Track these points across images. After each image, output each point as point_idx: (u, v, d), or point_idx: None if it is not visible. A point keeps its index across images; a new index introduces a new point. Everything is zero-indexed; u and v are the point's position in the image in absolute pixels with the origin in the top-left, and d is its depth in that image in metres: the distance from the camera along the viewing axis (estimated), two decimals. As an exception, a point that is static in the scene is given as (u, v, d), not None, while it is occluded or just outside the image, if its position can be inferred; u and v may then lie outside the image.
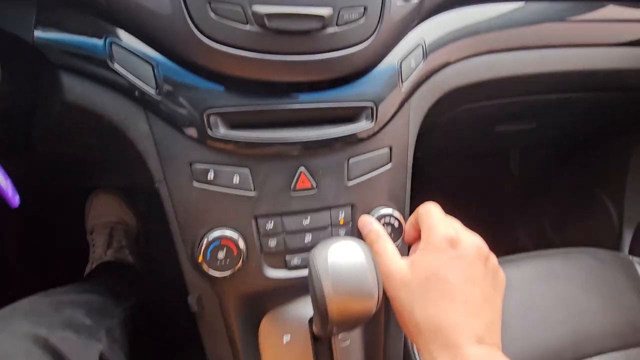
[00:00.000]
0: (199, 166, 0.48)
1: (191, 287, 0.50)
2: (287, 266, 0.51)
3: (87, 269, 1.08)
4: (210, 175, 0.48)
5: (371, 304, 0.36)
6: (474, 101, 0.70)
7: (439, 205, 0.47)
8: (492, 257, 0.41)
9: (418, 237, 0.50)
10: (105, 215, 1.16)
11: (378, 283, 0.37)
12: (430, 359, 0.37)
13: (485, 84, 0.65)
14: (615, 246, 1.04)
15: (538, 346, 0.68)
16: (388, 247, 0.43)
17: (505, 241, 1.32)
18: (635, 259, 0.86)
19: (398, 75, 0.55)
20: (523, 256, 0.84)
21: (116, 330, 0.58)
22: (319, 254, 0.37)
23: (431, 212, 0.44)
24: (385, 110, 0.53)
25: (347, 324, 0.37)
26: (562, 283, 0.78)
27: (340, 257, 0.37)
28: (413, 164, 0.58)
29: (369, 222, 0.50)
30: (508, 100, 0.73)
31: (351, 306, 0.36)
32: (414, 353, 0.62)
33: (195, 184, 0.48)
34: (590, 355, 0.68)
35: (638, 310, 0.76)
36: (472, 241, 0.40)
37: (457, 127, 0.79)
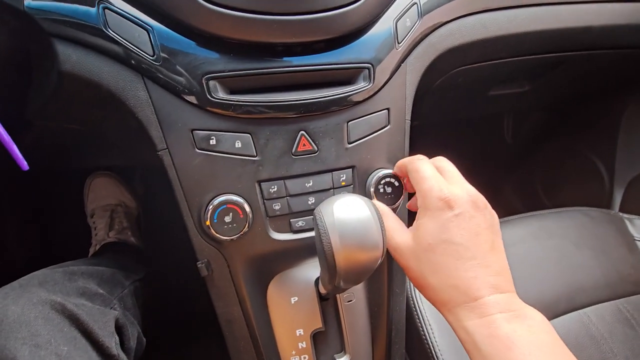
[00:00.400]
0: (200, 133, 0.48)
1: (199, 253, 0.51)
2: (291, 229, 0.52)
3: (91, 252, 1.09)
4: (212, 141, 0.48)
5: (377, 254, 0.38)
6: (469, 63, 0.70)
7: (426, 158, 0.46)
8: (485, 202, 0.42)
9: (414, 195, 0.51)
10: (104, 198, 1.16)
11: (382, 234, 0.38)
12: (453, 317, 0.38)
13: (479, 44, 0.65)
14: (606, 205, 1.08)
15: (533, 299, 0.70)
16: (391, 224, 0.44)
17: (499, 205, 1.35)
18: (625, 216, 0.89)
19: (394, 35, 0.55)
20: (517, 217, 0.87)
21: (127, 299, 0.60)
22: (325, 210, 0.38)
23: (420, 170, 0.43)
24: (383, 71, 0.54)
25: (354, 275, 0.39)
26: (556, 240, 0.80)
27: (345, 211, 0.38)
28: (410, 132, 0.59)
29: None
30: (502, 61, 0.73)
31: (358, 257, 0.37)
32: (416, 309, 0.64)
33: (198, 151, 0.48)
34: (583, 307, 0.71)
35: (627, 262, 0.79)
36: (466, 194, 0.41)
37: (452, 90, 0.80)
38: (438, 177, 0.43)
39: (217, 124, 0.48)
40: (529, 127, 1.30)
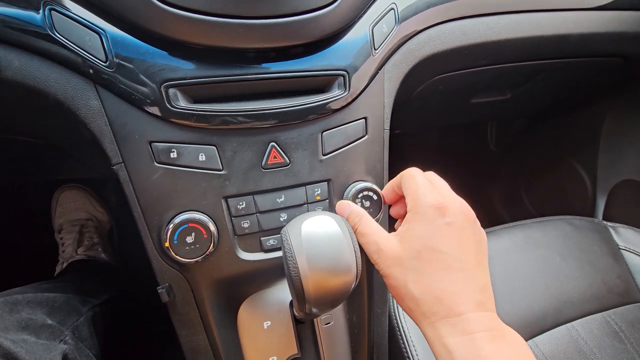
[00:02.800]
0: (159, 145, 0.44)
1: (160, 277, 0.46)
2: (262, 248, 0.49)
3: (57, 270, 1.02)
4: (173, 154, 0.44)
5: (349, 279, 0.34)
6: (449, 70, 0.68)
7: (420, 170, 0.45)
8: (475, 217, 0.41)
9: (399, 201, 0.48)
10: (73, 212, 1.09)
11: (356, 256, 0.35)
12: (432, 331, 0.35)
13: (459, 51, 0.63)
14: (590, 212, 1.07)
15: (521, 313, 0.68)
16: (373, 226, 0.41)
17: (484, 214, 1.34)
18: (609, 224, 0.87)
19: (370, 41, 0.52)
20: (502, 227, 0.85)
21: (83, 328, 0.54)
22: (292, 229, 0.35)
23: (415, 178, 0.42)
24: (359, 78, 0.51)
25: (326, 302, 0.35)
26: (541, 250, 0.78)
27: (314, 230, 0.34)
28: (391, 141, 0.56)
29: (347, 204, 0.48)
30: (482, 69, 0.71)
31: (329, 282, 0.33)
32: (399, 328, 0.61)
33: (157, 165, 0.44)
34: (571, 320, 0.69)
35: (613, 272, 0.77)
36: (459, 205, 0.39)
37: (433, 98, 0.78)
38: (432, 186, 0.41)
39: (178, 136, 0.44)
40: (512, 134, 1.29)
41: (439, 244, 0.37)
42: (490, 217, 1.34)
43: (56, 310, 0.52)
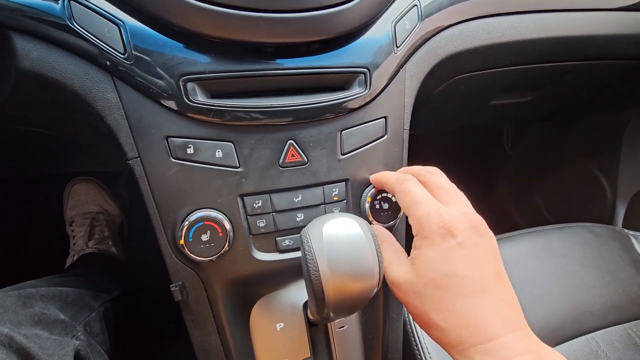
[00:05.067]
0: (176, 140, 0.43)
1: (173, 275, 0.45)
2: (277, 248, 0.47)
3: (68, 262, 1.02)
4: (190, 150, 0.43)
5: (371, 284, 0.33)
6: (470, 70, 0.66)
7: (413, 177, 0.42)
8: (485, 226, 0.38)
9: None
10: (85, 205, 1.09)
11: (379, 260, 0.33)
12: None
13: (482, 51, 0.61)
14: (609, 220, 1.04)
15: (538, 323, 0.66)
16: (387, 254, 0.38)
17: (498, 219, 1.31)
18: (630, 233, 0.85)
19: (392, 38, 0.50)
20: (519, 233, 0.82)
21: (95, 324, 0.54)
22: (313, 231, 0.33)
23: (411, 193, 0.38)
24: (380, 76, 0.49)
25: (345, 307, 0.34)
26: (560, 258, 0.76)
27: (336, 233, 0.33)
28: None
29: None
30: (504, 70, 0.69)
31: (350, 287, 0.32)
32: (414, 335, 0.59)
33: (173, 160, 0.43)
34: (591, 331, 0.67)
35: (634, 282, 0.75)
36: (467, 219, 0.36)
37: (452, 99, 0.76)
38: (432, 200, 0.37)
39: (195, 131, 0.43)
40: (529, 137, 1.26)
41: (454, 268, 0.34)
42: (504, 222, 1.32)
43: (69, 305, 0.51)
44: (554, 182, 1.22)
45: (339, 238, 0.33)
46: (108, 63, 0.41)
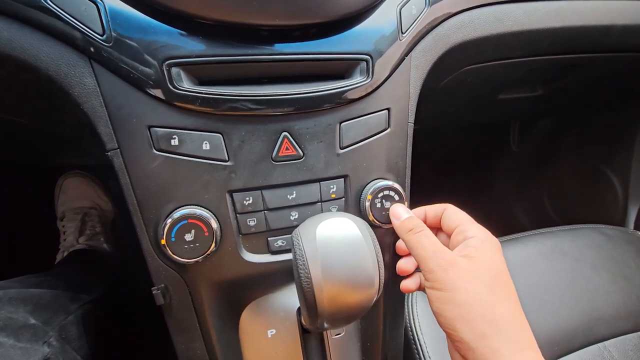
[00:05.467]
0: (159, 131, 0.39)
1: (156, 277, 0.42)
2: (269, 249, 0.44)
3: (58, 259, 0.99)
4: (174, 142, 0.40)
5: (370, 293, 0.29)
6: (480, 61, 0.62)
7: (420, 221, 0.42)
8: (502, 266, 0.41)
9: (433, 228, 0.44)
10: (76, 200, 1.06)
11: (379, 266, 0.29)
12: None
13: (493, 40, 0.57)
14: (620, 222, 1.00)
15: (547, 330, 0.63)
16: (435, 239, 0.39)
17: (503, 220, 1.27)
18: (643, 235, 0.81)
19: (398, 24, 0.47)
20: (527, 234, 0.79)
21: (72, 328, 0.50)
22: (305, 232, 0.30)
23: (462, 212, 0.42)
24: (383, 64, 0.46)
25: (341, 317, 0.30)
26: (570, 261, 0.72)
27: (331, 235, 0.29)
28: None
29: (404, 212, 0.44)
30: (516, 61, 0.65)
31: (346, 296, 0.28)
32: (415, 343, 0.55)
33: (156, 152, 0.40)
34: (603, 339, 0.63)
35: (649, 288, 0.71)
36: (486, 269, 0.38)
37: (459, 91, 0.72)
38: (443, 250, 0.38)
39: (180, 121, 0.40)
40: (537, 134, 1.22)
41: (508, 276, 0.37)
42: (509, 223, 1.28)
43: (42, 308, 0.48)
44: (562, 181, 1.18)
45: (335, 240, 0.29)
46: (85, 45, 0.38)
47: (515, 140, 1.27)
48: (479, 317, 0.33)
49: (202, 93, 0.39)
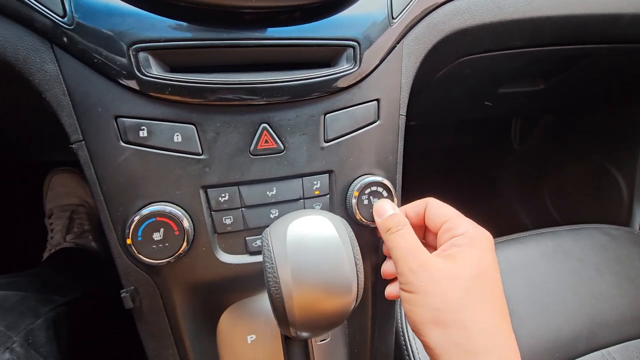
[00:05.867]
0: (127, 121, 0.37)
1: (125, 278, 0.39)
2: (248, 250, 0.41)
3: (45, 257, 0.97)
4: (143, 133, 0.37)
5: (347, 300, 0.26)
6: (477, 51, 0.59)
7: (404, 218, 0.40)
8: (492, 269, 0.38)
9: (418, 227, 0.42)
10: (64, 197, 1.03)
11: (357, 269, 0.26)
12: None
13: (492, 28, 0.54)
14: (625, 222, 0.96)
15: (548, 336, 0.59)
16: (415, 238, 0.36)
17: (504, 219, 1.24)
18: (650, 236, 0.77)
19: (388, 8, 0.44)
20: (527, 234, 0.75)
21: (40, 333, 0.47)
22: (275, 231, 0.27)
23: (448, 207, 0.39)
24: (373, 52, 0.43)
25: (315, 326, 0.27)
26: (573, 262, 0.69)
27: (304, 234, 0.26)
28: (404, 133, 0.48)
29: (390, 205, 0.41)
30: (516, 52, 0.62)
31: (319, 303, 0.25)
32: (407, 349, 0.52)
33: (123, 145, 0.37)
34: (607, 345, 0.60)
35: (656, 291, 0.67)
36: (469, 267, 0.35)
37: (456, 85, 0.68)
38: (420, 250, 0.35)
39: (150, 111, 0.37)
40: (538, 131, 1.18)
41: (496, 276, 0.34)
42: (509, 222, 1.24)
43: (6, 312, 0.45)
44: (564, 179, 1.14)
45: (308, 240, 0.26)
46: (45, 28, 0.35)
47: (517, 137, 1.23)
48: (450, 322, 0.30)
49: (172, 80, 0.36)
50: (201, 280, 0.40)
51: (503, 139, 1.26)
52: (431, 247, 0.42)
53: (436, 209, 0.39)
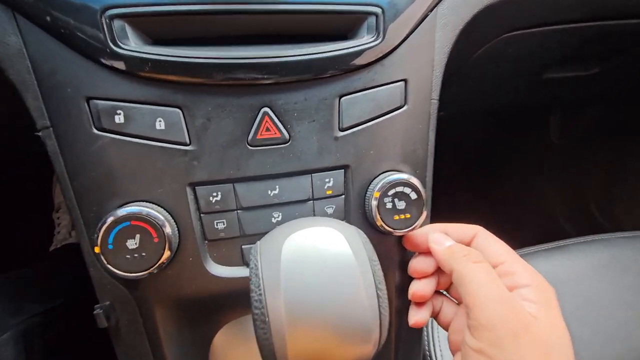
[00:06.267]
0: (100, 104, 0.31)
1: (100, 292, 0.33)
2: (244, 260, 0.34)
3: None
4: (119, 118, 0.31)
5: (365, 349, 0.19)
6: (524, 26, 0.50)
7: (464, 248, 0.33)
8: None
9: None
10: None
11: (380, 305, 0.19)
12: None
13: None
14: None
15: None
16: (498, 280, 0.29)
17: (540, 224, 1.12)
18: None
19: (418, -33, 0.35)
20: (574, 242, 0.65)
21: (7, 348, 0.42)
22: (267, 248, 0.20)
23: (496, 241, 0.33)
24: (399, 21, 0.36)
25: None
26: (632, 277, 0.59)
27: (305, 253, 0.19)
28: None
29: (446, 240, 0.33)
30: (571, 27, 0.52)
31: (325, 353, 0.18)
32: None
33: (96, 132, 0.31)
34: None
35: None
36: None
37: (496, 67, 0.59)
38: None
39: (127, 91, 0.31)
40: (582, 124, 1.06)
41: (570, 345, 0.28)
42: (549, 229, 1.12)
43: None
44: (613, 180, 1.02)
45: (310, 262, 0.19)
46: (7, -6, 0.29)
47: (557, 130, 1.11)
48: None
49: (153, 55, 0.30)
50: (188, 297, 0.33)
51: (540, 131, 1.14)
52: None
53: (488, 245, 0.32)
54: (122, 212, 0.30)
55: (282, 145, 0.33)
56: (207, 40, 0.32)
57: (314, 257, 0.19)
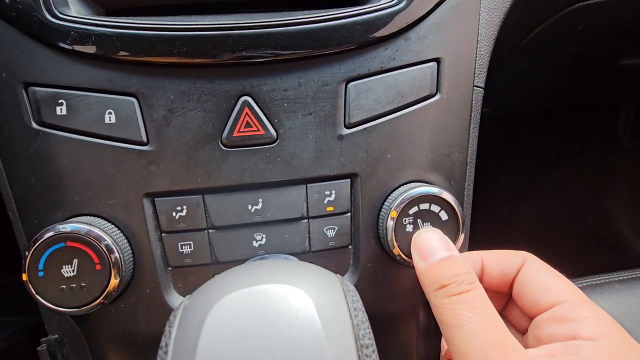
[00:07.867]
0: (40, 91, 0.25)
1: (48, 323, 0.28)
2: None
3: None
4: (61, 109, 0.25)
5: None
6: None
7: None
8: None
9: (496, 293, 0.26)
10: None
11: None
12: None
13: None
14: None
15: None
16: (495, 315, 0.21)
17: (608, 246, 0.95)
18: None
19: None
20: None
21: None
22: (187, 319, 0.12)
23: (550, 271, 0.25)
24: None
25: None
26: None
27: (241, 330, 0.11)
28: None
29: (440, 245, 0.24)
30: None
31: None
32: None
33: (36, 127, 0.25)
34: None
35: None
36: None
37: (560, 50, 0.47)
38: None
39: (70, 75, 0.25)
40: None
41: None
42: (618, 251, 0.95)
43: None
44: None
45: (245, 350, 0.10)
46: None
47: (628, 131, 0.94)
48: None
49: (100, 26, 0.23)
50: (145, 334, 0.26)
51: (607, 133, 0.97)
52: (512, 326, 0.27)
53: (541, 279, 0.25)
54: (60, 228, 0.23)
55: (267, 146, 0.25)
56: (169, 8, 0.25)
57: (255, 332, 0.11)
